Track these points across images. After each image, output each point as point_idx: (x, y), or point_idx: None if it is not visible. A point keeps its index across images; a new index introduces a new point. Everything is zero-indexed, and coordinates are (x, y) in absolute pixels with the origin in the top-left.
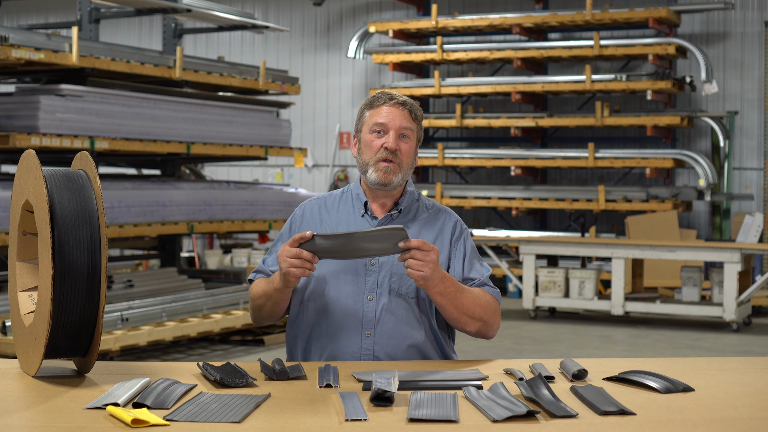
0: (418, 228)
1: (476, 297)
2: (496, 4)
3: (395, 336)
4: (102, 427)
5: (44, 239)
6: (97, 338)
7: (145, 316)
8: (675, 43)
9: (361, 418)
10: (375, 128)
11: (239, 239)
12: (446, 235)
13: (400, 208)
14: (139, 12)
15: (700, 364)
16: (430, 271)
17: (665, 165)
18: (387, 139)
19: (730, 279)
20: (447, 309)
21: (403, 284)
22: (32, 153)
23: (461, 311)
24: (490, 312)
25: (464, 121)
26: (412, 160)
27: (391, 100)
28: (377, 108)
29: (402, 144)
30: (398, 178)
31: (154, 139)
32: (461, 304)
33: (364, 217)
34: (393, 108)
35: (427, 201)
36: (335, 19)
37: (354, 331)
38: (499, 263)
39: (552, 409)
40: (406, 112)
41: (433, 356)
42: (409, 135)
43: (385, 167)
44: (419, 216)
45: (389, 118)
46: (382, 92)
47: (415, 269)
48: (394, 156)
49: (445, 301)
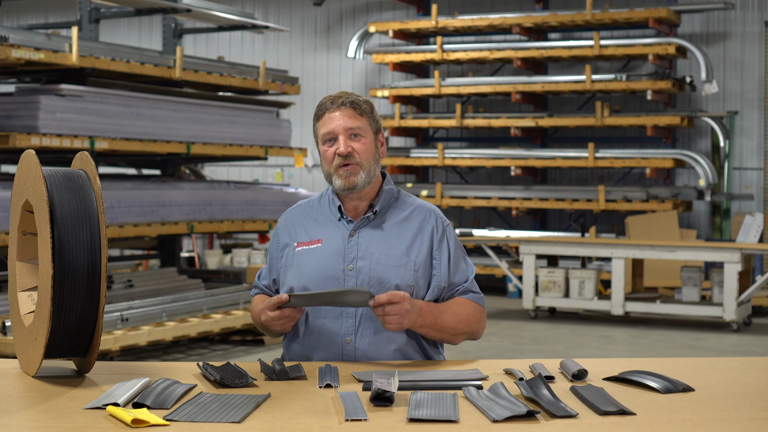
0: (394, 228)
1: (456, 314)
2: (496, 4)
3: (376, 341)
4: (102, 427)
5: (44, 239)
6: (97, 338)
7: (145, 316)
8: (675, 43)
9: (361, 418)
10: (325, 138)
11: (239, 239)
12: (426, 234)
13: (375, 210)
14: (139, 12)
15: (700, 364)
16: (408, 320)
17: (665, 165)
18: (337, 144)
19: (730, 279)
20: (429, 335)
21: (382, 288)
22: (32, 153)
23: (443, 333)
24: (473, 322)
25: (464, 121)
26: (372, 156)
27: (332, 104)
28: (322, 117)
29: (354, 143)
30: (362, 178)
31: (154, 139)
32: (443, 327)
33: (340, 221)
34: (335, 112)
35: (407, 198)
36: (335, 19)
37: (335, 338)
38: (499, 263)
39: (552, 409)
40: (350, 111)
41: (416, 358)
42: (359, 132)
43: (344, 172)
44: (398, 215)
45: (334, 123)
46: (325, 98)
47: (392, 323)
48: (350, 158)
49: (426, 330)
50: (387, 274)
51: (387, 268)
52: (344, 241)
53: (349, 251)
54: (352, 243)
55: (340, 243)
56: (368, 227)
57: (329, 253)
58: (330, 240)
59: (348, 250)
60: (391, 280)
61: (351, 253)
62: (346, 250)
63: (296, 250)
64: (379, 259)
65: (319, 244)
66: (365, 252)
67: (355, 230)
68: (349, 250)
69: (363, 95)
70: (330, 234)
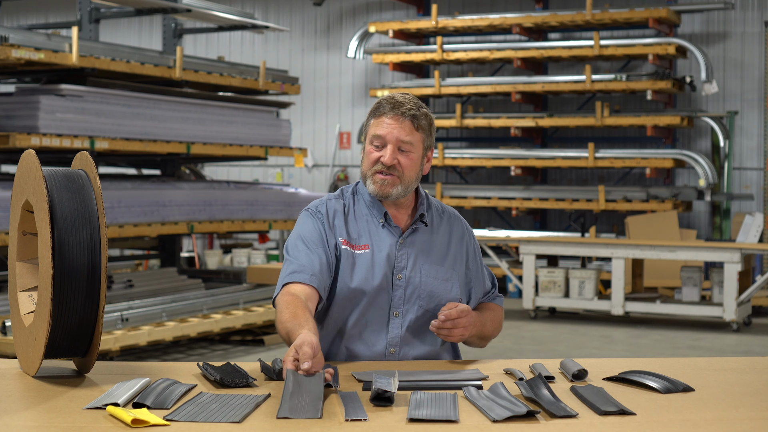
0: (433, 238)
1: (493, 320)
2: (496, 4)
3: (417, 351)
4: (102, 427)
5: (44, 239)
6: (97, 338)
7: (145, 316)
8: (675, 43)
9: (361, 418)
10: (374, 140)
11: (239, 239)
12: (461, 243)
13: (425, 221)
14: (139, 12)
15: (700, 364)
16: (469, 332)
17: (665, 165)
18: (384, 153)
19: (730, 279)
20: (473, 343)
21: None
22: (32, 153)
23: (484, 339)
24: (500, 324)
25: (464, 121)
26: (415, 172)
27: (392, 110)
28: (379, 118)
29: (401, 157)
30: (397, 191)
31: (154, 139)
32: (485, 334)
33: (384, 227)
34: (393, 120)
35: (435, 203)
36: (335, 19)
37: (379, 349)
38: (499, 263)
39: (552, 409)
40: (408, 124)
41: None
42: (409, 148)
43: (381, 180)
44: (433, 222)
45: (388, 130)
46: (388, 98)
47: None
48: (392, 169)
49: (473, 339)
50: (437, 288)
51: (437, 281)
52: (393, 249)
53: (399, 260)
54: (402, 252)
55: (389, 251)
56: (412, 235)
57: (379, 261)
58: (378, 246)
59: (397, 260)
60: (442, 295)
61: (400, 262)
62: (396, 259)
63: (343, 247)
64: (429, 271)
65: (366, 249)
66: (414, 263)
67: (404, 239)
68: (398, 259)
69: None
70: (377, 240)
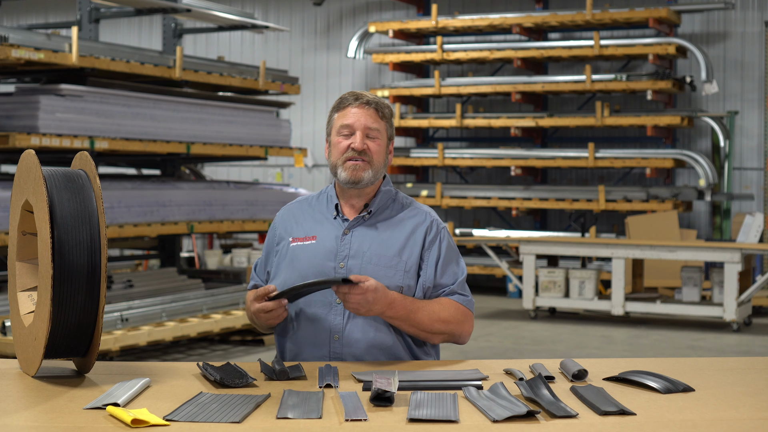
0: (388, 229)
1: (434, 313)
2: (496, 4)
3: (363, 340)
4: (102, 427)
5: (44, 239)
6: (97, 338)
7: (144, 316)
8: (675, 43)
9: (361, 418)
10: (342, 130)
11: (239, 239)
12: (419, 236)
13: (370, 210)
14: (139, 12)
15: (700, 364)
16: (366, 309)
17: (665, 165)
18: (354, 139)
19: (730, 279)
20: (402, 328)
21: None
22: (32, 153)
23: (418, 329)
24: (454, 324)
25: (464, 121)
26: (383, 158)
27: (356, 100)
28: (343, 110)
29: (370, 143)
30: (368, 175)
31: (154, 139)
32: (417, 323)
33: (336, 219)
34: (359, 108)
35: (405, 200)
36: (335, 19)
37: (323, 335)
38: (499, 263)
39: (552, 409)
40: (372, 111)
41: (404, 358)
42: (376, 134)
43: (353, 165)
44: (393, 216)
45: (355, 118)
46: (349, 93)
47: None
48: (363, 154)
49: (399, 322)
50: (376, 274)
51: (377, 268)
52: (337, 239)
53: (341, 249)
54: (345, 241)
55: (333, 241)
56: (362, 227)
57: (321, 251)
58: (324, 237)
59: (340, 248)
60: (382, 281)
61: (343, 251)
62: (339, 248)
63: (291, 245)
64: (370, 258)
65: (313, 240)
66: (357, 251)
67: (348, 229)
68: (341, 248)
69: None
70: (324, 231)
